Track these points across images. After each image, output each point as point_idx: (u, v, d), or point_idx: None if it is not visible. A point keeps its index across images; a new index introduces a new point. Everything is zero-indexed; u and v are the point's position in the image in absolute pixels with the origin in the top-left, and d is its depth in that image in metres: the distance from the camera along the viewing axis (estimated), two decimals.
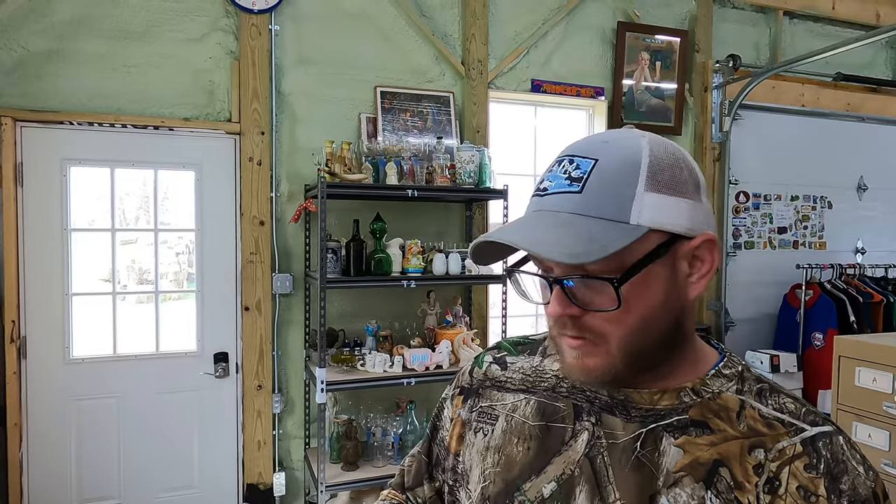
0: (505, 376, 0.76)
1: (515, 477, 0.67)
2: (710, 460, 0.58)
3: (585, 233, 0.55)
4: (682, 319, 0.62)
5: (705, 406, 0.61)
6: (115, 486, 2.77)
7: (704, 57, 3.69)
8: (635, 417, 0.62)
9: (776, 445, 0.58)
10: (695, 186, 0.60)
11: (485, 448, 0.72)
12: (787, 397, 0.63)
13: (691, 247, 0.59)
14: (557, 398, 0.69)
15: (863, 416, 1.93)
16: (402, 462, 0.90)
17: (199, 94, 2.81)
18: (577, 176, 0.58)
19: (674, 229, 0.58)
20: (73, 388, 2.71)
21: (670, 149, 0.61)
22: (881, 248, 4.22)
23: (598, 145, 0.60)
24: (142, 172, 2.82)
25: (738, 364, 0.66)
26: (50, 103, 2.61)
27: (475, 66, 3.18)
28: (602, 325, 0.59)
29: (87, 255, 2.77)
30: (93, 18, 2.66)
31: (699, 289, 0.61)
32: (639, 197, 0.57)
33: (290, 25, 2.91)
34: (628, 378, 0.62)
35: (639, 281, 0.57)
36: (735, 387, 0.63)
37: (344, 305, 3.03)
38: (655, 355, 0.61)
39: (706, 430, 0.60)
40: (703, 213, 0.61)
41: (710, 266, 0.61)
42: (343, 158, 2.66)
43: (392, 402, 3.02)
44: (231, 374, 2.91)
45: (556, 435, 0.67)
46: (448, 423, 0.80)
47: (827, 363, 3.31)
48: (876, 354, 1.90)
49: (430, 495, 0.84)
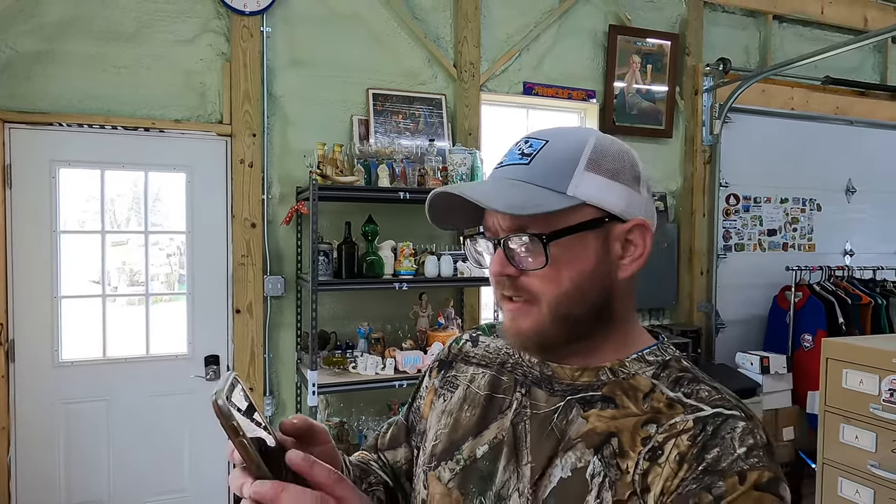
0: (473, 352, 0.84)
1: (458, 438, 0.74)
2: (606, 431, 0.63)
3: (526, 192, 0.63)
4: (612, 297, 0.67)
5: (618, 385, 0.66)
6: (104, 490, 2.75)
7: (695, 60, 3.72)
8: (557, 391, 0.69)
9: (669, 422, 0.62)
10: (634, 177, 0.67)
11: (441, 411, 0.80)
12: (706, 387, 0.65)
13: (624, 229, 0.66)
14: (504, 372, 0.77)
15: (850, 418, 1.95)
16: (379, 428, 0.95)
17: (190, 95, 2.80)
18: (528, 152, 0.67)
19: (607, 207, 0.64)
20: (62, 391, 2.69)
21: (617, 143, 0.68)
22: (869, 251, 4.26)
23: (552, 131, 0.69)
24: (132, 174, 2.80)
25: (666, 354, 0.69)
26: (39, 104, 2.60)
27: (467, 68, 3.19)
28: (536, 284, 0.65)
29: (77, 257, 2.75)
30: (82, 19, 2.64)
31: (630, 270, 0.67)
32: (578, 173, 0.64)
33: (281, 27, 2.91)
34: (557, 344, 0.67)
35: (570, 247, 0.64)
36: (652, 371, 0.67)
37: (336, 308, 3.03)
38: (583, 326, 0.66)
39: (612, 405, 0.65)
40: (641, 203, 0.67)
41: (643, 251, 0.66)
42: (335, 160, 2.66)
43: (384, 404, 3.01)
44: (222, 378, 2.89)
45: (496, 404, 0.74)
46: (424, 392, 0.87)
47: (816, 364, 3.32)
48: (863, 357, 1.92)
49: (401, 459, 0.87)
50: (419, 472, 0.79)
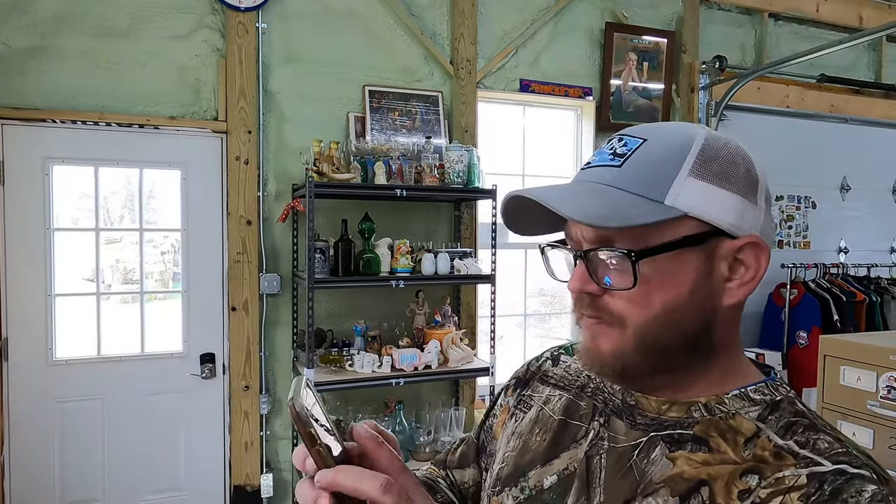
0: (552, 371, 0.76)
1: (525, 464, 0.67)
2: (696, 478, 0.54)
3: (612, 202, 0.53)
4: (712, 326, 0.57)
5: (713, 424, 0.56)
6: (98, 489, 2.74)
7: (691, 58, 3.72)
8: (640, 424, 0.60)
9: (776, 474, 0.51)
10: (749, 185, 0.56)
11: (512, 433, 0.73)
12: (827, 437, 0.53)
13: (733, 246, 0.55)
14: (583, 397, 0.69)
15: (847, 415, 1.96)
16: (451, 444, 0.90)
17: (185, 92, 2.78)
18: (621, 152, 0.57)
19: (714, 221, 0.54)
20: (56, 390, 2.67)
21: (732, 144, 0.58)
22: (863, 248, 4.28)
23: (652, 128, 0.59)
24: (126, 171, 2.78)
25: (777, 394, 0.58)
26: (32, 101, 2.57)
27: (464, 65, 3.18)
28: (620, 306, 0.56)
29: (71, 254, 2.73)
30: (76, 15, 2.62)
31: (738, 296, 0.57)
32: (680, 179, 0.54)
33: (277, 23, 2.89)
34: (641, 374, 0.58)
35: (665, 266, 0.54)
36: (758, 412, 0.57)
37: (332, 306, 3.01)
38: (674, 356, 0.57)
39: (704, 447, 0.55)
40: (756, 216, 0.56)
41: (755, 273, 0.56)
42: (331, 158, 2.64)
43: (381, 402, 3.01)
44: (218, 375, 2.88)
45: (570, 431, 0.66)
46: (498, 411, 0.80)
47: (811, 361, 3.35)
48: (860, 354, 1.93)
49: (468, 480, 0.82)
50: (484, 496, 0.73)
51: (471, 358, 2.91)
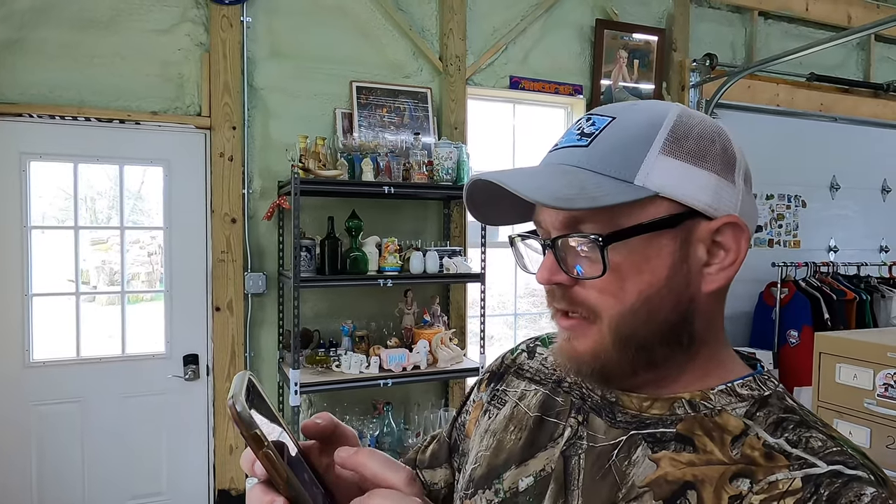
0: (527, 365, 0.72)
1: (499, 464, 0.63)
2: (681, 480, 0.50)
3: (578, 182, 0.50)
4: (692, 315, 0.54)
5: (698, 421, 0.53)
6: (78, 495, 2.66)
7: (681, 56, 3.70)
8: (620, 423, 0.56)
9: (768, 477, 0.48)
10: (727, 163, 0.53)
11: (485, 430, 0.69)
12: (820, 434, 0.50)
13: (710, 228, 0.52)
14: (559, 392, 0.65)
15: (843, 413, 1.93)
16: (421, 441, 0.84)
17: (168, 87, 2.71)
18: (589, 132, 0.54)
19: (688, 201, 0.51)
20: (32, 392, 2.59)
21: (708, 121, 0.55)
22: (853, 247, 4.29)
23: (623, 107, 0.55)
24: (107, 168, 2.71)
25: (765, 388, 0.55)
26: (8, 95, 2.49)
27: (453, 61, 3.13)
28: (593, 297, 0.53)
29: (52, 254, 2.65)
30: (54, 7, 2.54)
31: (717, 282, 0.53)
32: (651, 157, 0.51)
33: (262, 17, 2.83)
34: (622, 373, 0.54)
35: (637, 251, 0.51)
36: (745, 409, 0.53)
37: (319, 305, 2.95)
38: (654, 351, 0.53)
39: (689, 447, 0.52)
40: (734, 196, 0.53)
41: (735, 257, 0.53)
42: (318, 154, 2.59)
43: (369, 403, 2.95)
44: (201, 377, 2.81)
45: (547, 429, 0.62)
46: (471, 407, 0.76)
47: (802, 360, 3.34)
48: (857, 351, 1.90)
49: (439, 482, 0.76)
50: (456, 499, 0.69)
51: (460, 358, 2.87)
